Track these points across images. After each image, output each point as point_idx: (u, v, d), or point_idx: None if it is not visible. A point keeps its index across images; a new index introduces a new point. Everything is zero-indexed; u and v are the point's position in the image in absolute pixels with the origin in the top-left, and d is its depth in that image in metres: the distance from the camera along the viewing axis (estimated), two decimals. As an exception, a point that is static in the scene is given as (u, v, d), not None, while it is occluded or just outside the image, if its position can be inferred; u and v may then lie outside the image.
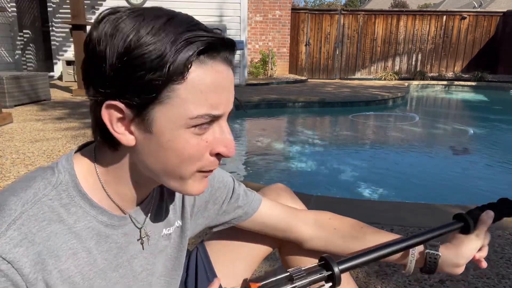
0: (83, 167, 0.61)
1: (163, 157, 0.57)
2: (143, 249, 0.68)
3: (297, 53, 12.47)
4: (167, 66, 0.51)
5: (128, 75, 0.51)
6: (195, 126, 0.55)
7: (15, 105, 5.40)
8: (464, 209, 2.26)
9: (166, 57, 0.50)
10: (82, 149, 0.64)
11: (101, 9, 8.94)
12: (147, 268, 0.69)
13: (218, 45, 0.54)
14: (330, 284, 0.74)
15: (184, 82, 0.52)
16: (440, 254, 0.83)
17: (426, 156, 4.58)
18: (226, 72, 0.56)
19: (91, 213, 0.59)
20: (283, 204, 0.92)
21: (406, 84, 10.76)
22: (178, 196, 0.77)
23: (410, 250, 0.84)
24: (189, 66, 0.52)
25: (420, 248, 0.85)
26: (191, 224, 0.81)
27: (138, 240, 0.67)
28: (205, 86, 0.53)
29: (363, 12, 12.49)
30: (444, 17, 12.43)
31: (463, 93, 10.67)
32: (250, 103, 6.69)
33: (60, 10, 9.04)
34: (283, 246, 0.97)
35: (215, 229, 0.90)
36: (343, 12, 12.30)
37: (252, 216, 0.87)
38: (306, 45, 12.40)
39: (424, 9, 17.46)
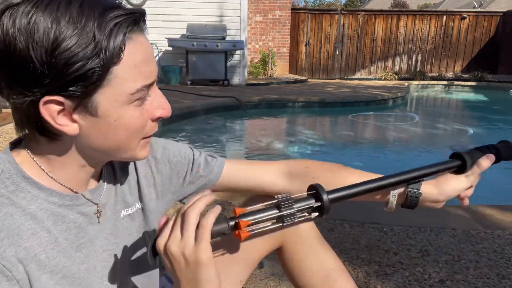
0: (23, 159, 0.61)
1: (112, 135, 0.59)
2: (103, 229, 0.69)
3: (297, 53, 12.46)
4: (103, 52, 0.52)
5: (62, 69, 0.51)
6: (136, 100, 0.58)
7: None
8: (464, 209, 2.27)
9: (98, 44, 0.51)
10: (16, 147, 0.64)
11: (101, 9, 8.98)
12: (108, 249, 0.69)
13: (137, 19, 0.56)
14: (317, 213, 0.72)
15: (120, 62, 0.54)
16: (422, 193, 0.82)
17: (426, 156, 4.58)
18: (146, 41, 0.59)
19: (40, 195, 0.60)
20: (252, 162, 0.91)
21: (406, 84, 10.75)
22: (132, 179, 0.77)
23: (391, 189, 0.83)
24: (123, 47, 0.54)
25: (402, 187, 0.84)
26: (160, 203, 0.82)
27: (95, 214, 0.67)
28: (137, 60, 0.56)
29: (363, 12, 12.48)
30: (444, 17, 12.42)
31: (463, 93, 10.67)
32: (250, 103, 6.69)
33: (60, 10, 9.04)
34: (283, 248, 0.93)
35: (184, 201, 0.90)
36: (343, 12, 12.29)
37: (217, 181, 0.87)
38: (306, 45, 12.40)
39: (424, 9, 17.46)
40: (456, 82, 11.51)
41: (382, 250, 1.80)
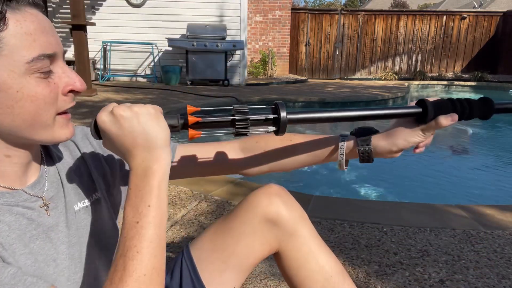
0: None
1: (19, 109, 0.57)
2: (57, 221, 0.68)
3: (297, 53, 12.46)
4: None
5: None
6: (37, 71, 0.57)
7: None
8: (464, 209, 2.27)
9: None
10: None
11: (101, 9, 8.98)
12: (65, 241, 0.69)
13: None
14: (274, 128, 0.71)
15: (7, 29, 0.54)
16: (372, 147, 0.82)
17: (426, 156, 4.57)
18: (39, 14, 0.59)
19: None
20: (206, 144, 0.92)
21: (406, 84, 10.75)
22: (83, 170, 0.76)
23: (339, 150, 0.84)
24: (3, 13, 0.54)
25: (350, 144, 0.84)
26: (116, 193, 0.82)
27: (41, 207, 0.66)
28: (29, 29, 0.56)
29: (363, 12, 12.48)
30: (444, 17, 12.42)
31: (463, 93, 10.67)
32: (250, 103, 6.69)
33: (60, 10, 9.04)
34: (280, 253, 0.90)
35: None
36: (343, 12, 12.29)
37: (171, 164, 0.87)
38: (306, 45, 12.40)
39: (424, 9, 17.46)
40: (456, 82, 11.52)
41: (382, 250, 1.80)
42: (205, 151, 0.91)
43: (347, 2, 48.21)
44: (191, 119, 0.67)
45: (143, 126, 0.60)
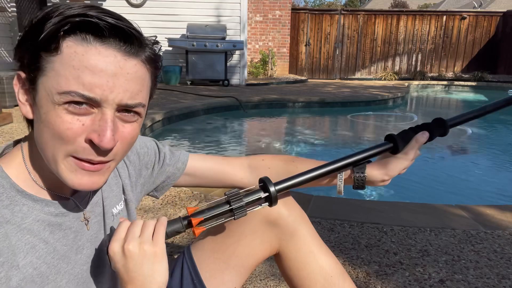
0: (12, 164, 0.61)
1: (40, 130, 0.57)
2: (88, 229, 0.70)
3: (297, 53, 12.46)
4: (41, 35, 0.53)
5: (20, 45, 0.57)
6: (66, 102, 0.54)
7: (15, 105, 5.39)
8: (464, 209, 2.27)
9: (41, 27, 0.53)
10: (17, 143, 0.65)
11: (101, 9, 8.98)
12: (101, 249, 0.72)
13: (103, 29, 0.53)
14: (267, 203, 0.80)
15: (60, 55, 0.54)
16: (366, 175, 0.89)
17: (425, 156, 4.58)
18: (116, 59, 0.55)
19: (36, 207, 0.60)
20: (214, 155, 0.96)
21: (406, 84, 10.75)
22: (113, 173, 0.78)
23: (338, 176, 0.89)
24: (59, 36, 0.53)
25: (348, 171, 0.90)
26: (134, 195, 0.84)
27: (82, 221, 0.68)
28: (80, 63, 0.53)
29: (363, 12, 12.48)
30: (444, 17, 12.43)
31: (463, 93, 10.67)
32: (250, 103, 6.69)
33: (60, 10, 9.03)
34: (280, 254, 0.90)
35: (151, 194, 0.93)
36: (343, 12, 12.29)
37: (184, 170, 0.91)
38: (306, 45, 12.40)
39: (424, 9, 17.46)
40: (456, 82, 11.51)
41: (382, 250, 1.80)
42: (215, 163, 0.94)
43: (347, 2, 48.21)
44: (195, 221, 0.73)
45: (145, 271, 0.64)
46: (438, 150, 4.84)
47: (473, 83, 11.30)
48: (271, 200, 0.79)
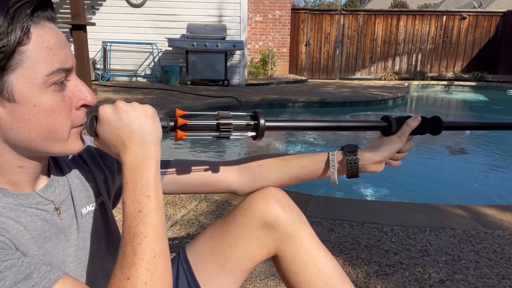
0: None
1: (36, 123, 0.58)
2: (67, 224, 0.69)
3: (297, 53, 12.47)
4: (8, 32, 0.53)
5: None
6: (54, 83, 0.58)
7: None
8: (464, 209, 2.27)
9: (2, 26, 0.53)
10: None
11: (101, 9, 8.98)
12: (74, 244, 0.70)
13: (41, 5, 0.57)
14: (254, 134, 0.78)
15: (30, 43, 0.55)
16: (359, 157, 0.89)
17: (425, 156, 4.58)
18: (57, 29, 0.60)
19: None
20: (202, 160, 0.93)
21: (406, 84, 10.75)
22: (88, 175, 0.77)
23: (330, 161, 0.90)
24: (29, 27, 0.55)
25: (339, 157, 0.90)
26: (111, 199, 0.84)
27: (53, 211, 0.68)
28: (49, 43, 0.57)
29: (363, 12, 12.48)
30: (444, 17, 12.43)
31: (463, 93, 10.67)
32: (250, 103, 6.69)
33: (60, 10, 9.03)
34: (278, 256, 0.89)
35: None
36: (343, 12, 12.30)
37: (164, 179, 0.86)
38: (306, 45, 12.40)
39: (424, 9, 17.46)
40: (456, 82, 11.52)
41: (382, 250, 1.80)
42: (201, 173, 0.90)
43: (347, 2, 48.20)
44: (180, 121, 0.72)
45: (140, 122, 0.64)
46: (438, 150, 4.84)
47: (473, 83, 11.30)
48: (258, 131, 0.77)
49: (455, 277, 1.60)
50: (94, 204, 0.76)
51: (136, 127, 0.64)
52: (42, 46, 0.56)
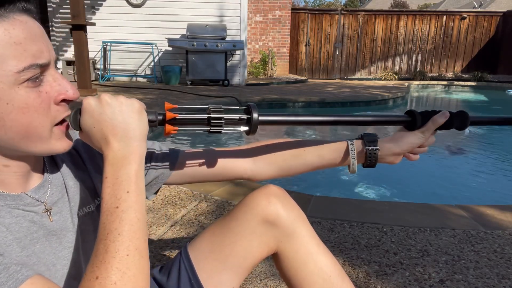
0: None
1: (10, 122, 0.56)
2: (59, 226, 0.67)
3: (297, 53, 12.47)
4: None
5: None
6: (27, 80, 0.55)
7: None
8: (464, 209, 2.27)
9: None
10: None
11: (101, 9, 8.97)
12: (68, 247, 0.69)
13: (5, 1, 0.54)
14: (247, 128, 0.75)
15: None
16: (379, 148, 0.87)
17: (426, 157, 4.58)
18: (29, 20, 0.57)
19: None
20: (212, 148, 0.91)
21: (406, 84, 10.75)
22: (85, 175, 0.76)
23: (350, 151, 0.87)
24: None
25: (359, 146, 0.88)
26: None
27: (43, 213, 0.66)
28: (18, 38, 0.54)
29: (363, 12, 12.48)
30: (444, 17, 12.43)
31: (463, 93, 10.67)
32: (250, 103, 6.69)
33: (60, 10, 9.04)
34: (279, 254, 0.90)
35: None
36: (343, 12, 12.30)
37: (175, 171, 0.85)
38: (306, 45, 12.40)
39: (424, 9, 17.45)
40: (456, 82, 11.52)
41: (382, 250, 1.80)
42: (211, 159, 0.89)
43: (347, 2, 48.20)
44: (169, 115, 0.69)
45: (124, 117, 0.61)
46: (438, 151, 4.84)
47: (473, 83, 11.30)
48: (251, 125, 0.74)
49: (455, 277, 1.60)
50: (92, 205, 0.75)
51: (120, 121, 0.61)
52: (10, 41, 0.53)
